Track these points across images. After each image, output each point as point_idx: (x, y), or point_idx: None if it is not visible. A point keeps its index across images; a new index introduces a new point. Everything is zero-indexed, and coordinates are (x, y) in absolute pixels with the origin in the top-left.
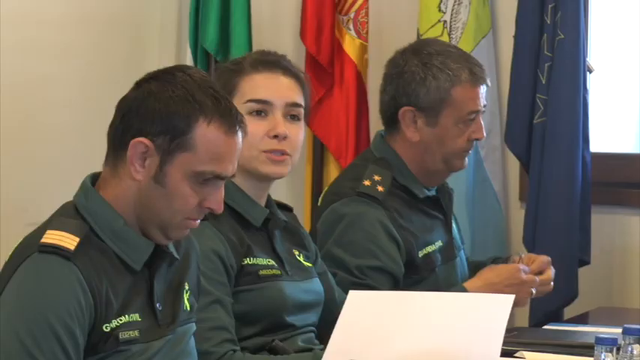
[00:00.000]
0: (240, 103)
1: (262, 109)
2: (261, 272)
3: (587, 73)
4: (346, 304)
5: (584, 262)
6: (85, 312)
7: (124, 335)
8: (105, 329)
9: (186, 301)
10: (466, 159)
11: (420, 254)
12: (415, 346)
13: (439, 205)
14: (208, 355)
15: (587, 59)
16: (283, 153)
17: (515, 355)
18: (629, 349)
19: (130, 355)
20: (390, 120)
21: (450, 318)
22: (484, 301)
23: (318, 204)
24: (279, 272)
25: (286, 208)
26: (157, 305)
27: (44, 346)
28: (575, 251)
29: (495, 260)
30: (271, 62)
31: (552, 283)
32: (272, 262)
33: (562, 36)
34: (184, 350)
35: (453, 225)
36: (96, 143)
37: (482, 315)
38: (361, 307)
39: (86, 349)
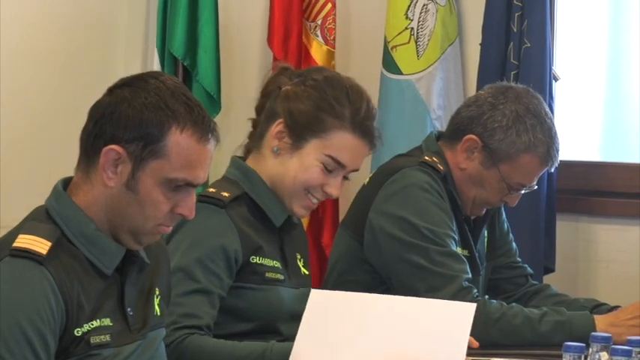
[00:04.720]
0: (319, 150)
1: (335, 168)
2: (268, 275)
3: (553, 81)
4: (309, 304)
5: (549, 269)
6: (57, 316)
7: (95, 339)
8: (76, 333)
9: (156, 306)
10: (484, 210)
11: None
12: (378, 350)
13: (467, 217)
14: (166, 337)
15: (553, 67)
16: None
17: None
18: (597, 356)
19: None
20: (454, 134)
21: (412, 323)
22: (447, 307)
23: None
24: (282, 277)
25: None
26: (128, 310)
27: (16, 350)
28: (540, 258)
29: (598, 307)
30: (370, 132)
31: None
32: (277, 265)
33: (528, 44)
34: (155, 355)
35: (482, 240)
36: (66, 147)
37: (445, 321)
38: (324, 308)
39: (57, 353)
